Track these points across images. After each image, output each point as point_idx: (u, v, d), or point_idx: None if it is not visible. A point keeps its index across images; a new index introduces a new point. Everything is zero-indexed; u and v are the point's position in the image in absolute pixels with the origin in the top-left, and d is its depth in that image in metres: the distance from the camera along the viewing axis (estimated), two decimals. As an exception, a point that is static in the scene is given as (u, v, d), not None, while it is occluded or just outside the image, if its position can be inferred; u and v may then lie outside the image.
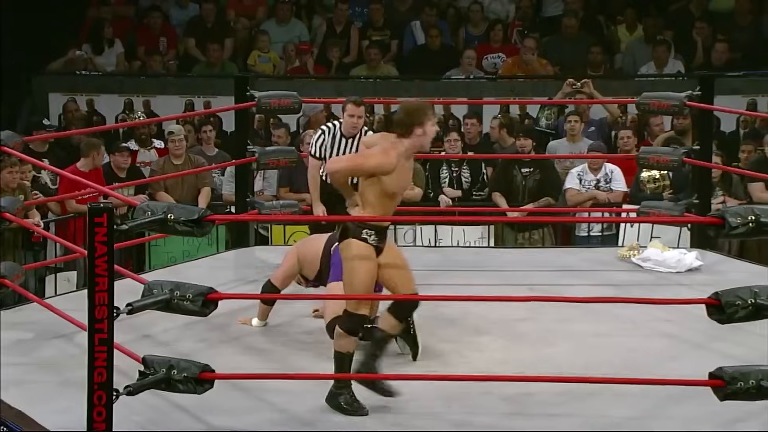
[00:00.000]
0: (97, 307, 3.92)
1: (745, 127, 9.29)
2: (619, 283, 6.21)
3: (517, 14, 11.02)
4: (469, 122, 8.65)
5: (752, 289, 4.02)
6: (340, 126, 6.23)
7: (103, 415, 3.93)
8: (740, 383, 3.95)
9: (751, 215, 3.96)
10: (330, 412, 4.41)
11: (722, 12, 10.84)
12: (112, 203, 4.09)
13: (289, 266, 5.36)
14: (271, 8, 11.21)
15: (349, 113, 6.14)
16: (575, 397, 4.49)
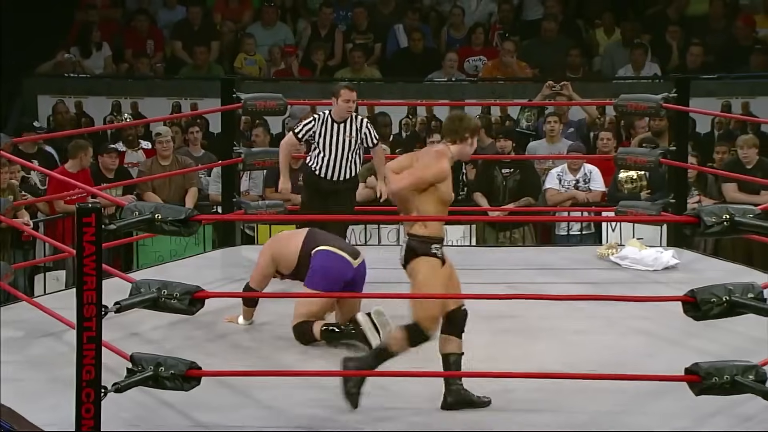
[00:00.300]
0: (86, 305, 3.91)
1: (720, 129, 9.34)
2: (598, 281, 6.23)
3: (498, 18, 11.03)
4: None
5: (727, 286, 4.04)
6: (330, 113, 6.22)
7: (91, 411, 3.92)
8: (715, 379, 3.97)
9: (726, 214, 3.98)
10: (316, 408, 4.41)
11: (697, 16, 10.87)
12: (100, 203, 4.08)
13: (263, 267, 5.33)
14: (257, 12, 11.19)
15: (344, 98, 6.13)
16: (555, 393, 4.50)
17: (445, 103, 9.78)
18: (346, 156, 6.19)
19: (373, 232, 7.70)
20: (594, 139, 8.68)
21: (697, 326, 4.43)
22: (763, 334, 4.98)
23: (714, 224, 3.97)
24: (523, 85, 10.02)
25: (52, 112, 9.92)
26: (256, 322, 5.42)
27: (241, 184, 7.71)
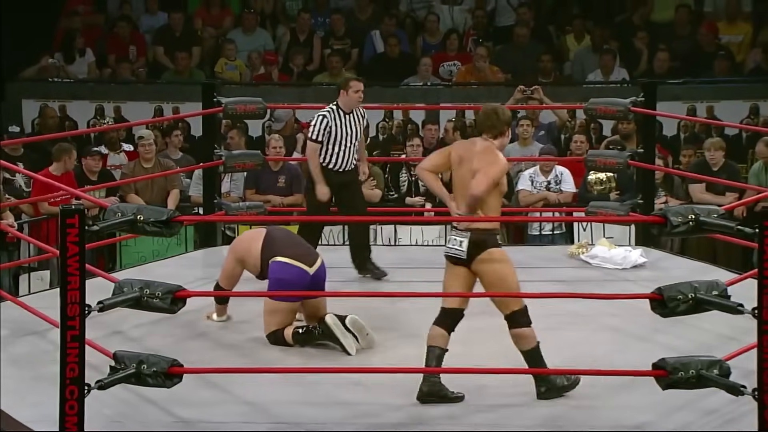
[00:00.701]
0: (70, 304, 3.89)
1: (686, 132, 9.39)
2: (569, 279, 6.25)
3: (472, 24, 11.06)
4: (432, 128, 8.69)
5: (692, 284, 4.06)
6: (338, 107, 6.21)
7: (75, 408, 3.89)
8: (681, 373, 3.99)
9: (692, 214, 4.00)
10: (295, 404, 4.40)
11: (663, 23, 10.94)
12: (83, 205, 4.05)
13: (228, 268, 5.29)
14: (237, 18, 11.16)
15: (355, 89, 6.18)
16: (527, 387, 4.50)
17: (420, 106, 9.78)
18: (353, 145, 6.24)
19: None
20: (565, 142, 8.71)
21: (664, 323, 4.45)
22: (727, 330, 5.02)
23: (680, 224, 3.99)
24: (496, 89, 10.03)
25: (39, 115, 9.86)
26: (236, 320, 5.40)
27: (222, 186, 7.68)
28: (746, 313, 3.96)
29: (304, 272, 5.01)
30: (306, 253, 5.13)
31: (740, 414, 4.17)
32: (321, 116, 6.21)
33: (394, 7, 11.33)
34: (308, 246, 5.24)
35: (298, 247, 5.15)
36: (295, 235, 5.33)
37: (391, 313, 5.36)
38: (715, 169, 7.80)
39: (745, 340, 4.38)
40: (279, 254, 5.06)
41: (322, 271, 5.11)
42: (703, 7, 11.13)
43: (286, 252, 5.06)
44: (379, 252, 6.66)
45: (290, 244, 5.14)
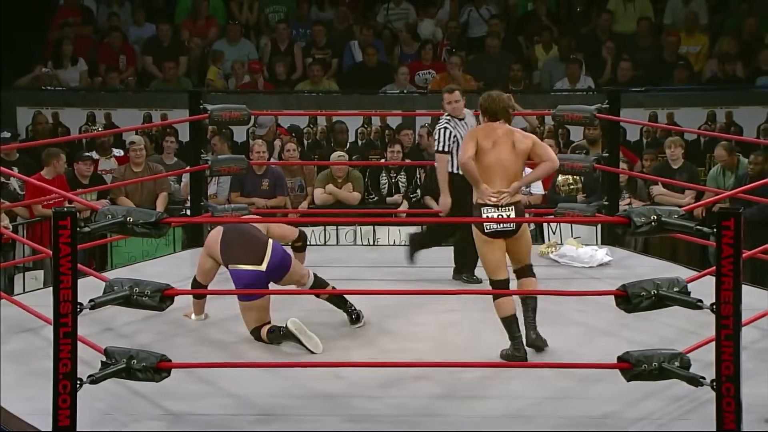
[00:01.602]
0: (62, 303, 3.86)
1: (648, 137, 9.44)
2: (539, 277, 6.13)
3: (445, 35, 11.07)
4: (407, 133, 8.69)
5: (655, 281, 4.08)
6: (451, 116, 6.13)
7: (67, 402, 3.86)
8: (644, 366, 4.00)
9: (654, 215, 4.02)
10: (279, 397, 4.38)
11: (626, 34, 10.98)
12: (75, 208, 4.02)
13: (202, 263, 5.27)
14: (222, 29, 11.12)
15: (447, 101, 6.12)
16: (500, 380, 4.52)
17: (397, 113, 9.78)
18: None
19: (332, 233, 7.68)
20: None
21: (629, 318, 4.47)
22: (687, 325, 5.04)
23: (643, 224, 4.01)
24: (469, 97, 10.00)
25: (32, 122, 9.80)
26: (221, 317, 5.36)
27: (209, 189, 7.65)
28: (705, 309, 3.97)
29: (257, 272, 5.00)
30: (254, 251, 5.02)
31: (700, 403, 4.19)
32: (442, 128, 6.07)
33: (372, 18, 11.33)
34: (255, 241, 5.06)
35: (246, 248, 5.04)
36: (243, 233, 5.12)
37: (371, 309, 5.34)
38: (675, 166, 7.84)
39: (704, 334, 4.40)
40: (231, 261, 5.05)
41: (276, 258, 5.03)
42: (663, 19, 11.19)
43: (237, 258, 5.03)
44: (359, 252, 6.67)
45: (240, 247, 5.05)
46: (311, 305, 5.48)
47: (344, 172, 8.01)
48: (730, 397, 3.83)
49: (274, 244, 5.09)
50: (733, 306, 3.82)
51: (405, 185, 8.06)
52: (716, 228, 3.85)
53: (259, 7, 11.36)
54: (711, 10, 11.22)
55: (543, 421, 4.20)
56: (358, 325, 5.24)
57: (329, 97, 10.34)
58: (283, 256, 5.10)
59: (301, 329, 4.89)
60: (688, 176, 7.75)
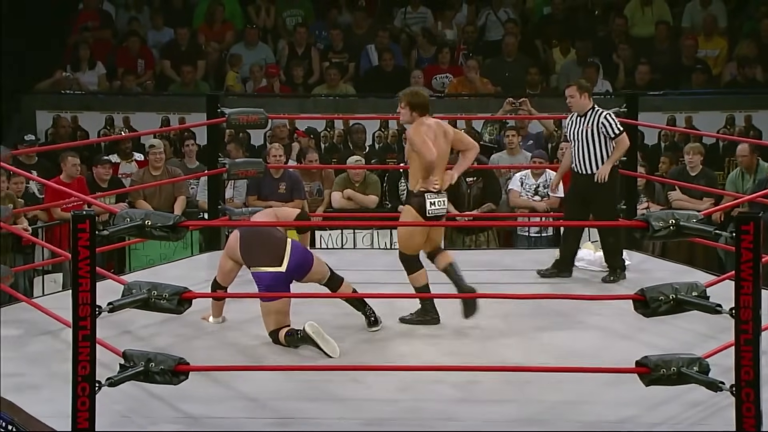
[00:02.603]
0: (81, 305, 3.87)
1: (666, 141, 9.40)
2: (556, 281, 6.24)
3: (463, 38, 11.07)
4: None
5: (673, 285, 4.06)
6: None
7: (86, 404, 3.88)
8: (663, 370, 3.99)
9: (672, 219, 4.00)
10: (296, 400, 4.39)
11: (644, 37, 10.95)
12: (94, 211, 4.04)
13: (222, 265, 5.27)
14: (240, 33, 11.16)
15: (566, 96, 6.23)
16: (517, 384, 4.50)
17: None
18: (580, 148, 6.16)
19: (349, 237, 7.69)
20: (552, 150, 8.71)
21: (647, 322, 4.44)
22: (705, 329, 5.02)
23: (661, 228, 3.99)
24: (486, 100, 10.04)
25: (52, 125, 9.85)
26: (239, 320, 5.38)
27: (226, 192, 7.67)
28: (724, 313, 3.95)
29: (277, 273, 5.01)
30: (273, 252, 5.03)
31: (719, 408, 4.16)
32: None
33: (389, 22, 11.34)
34: (274, 242, 5.06)
35: (265, 249, 5.05)
36: (261, 234, 5.11)
37: (388, 312, 5.34)
38: (693, 173, 7.81)
39: (723, 339, 4.38)
40: (252, 263, 5.06)
41: (294, 260, 5.03)
42: (681, 23, 11.15)
43: (257, 260, 5.04)
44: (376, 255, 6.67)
45: (259, 249, 5.06)
46: (329, 308, 5.49)
47: (361, 176, 8.01)
48: (750, 402, 3.81)
49: (293, 243, 5.10)
50: (752, 311, 3.80)
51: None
52: (735, 232, 3.83)
53: (276, 11, 11.40)
54: (730, 14, 11.17)
55: (559, 425, 4.19)
56: (375, 329, 5.24)
57: (346, 101, 10.34)
58: (303, 255, 5.10)
59: (318, 333, 4.90)
60: (706, 182, 7.71)
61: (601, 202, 6.18)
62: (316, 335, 4.89)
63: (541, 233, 7.81)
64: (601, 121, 6.15)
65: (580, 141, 6.19)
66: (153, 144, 8.04)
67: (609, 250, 6.28)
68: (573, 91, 6.20)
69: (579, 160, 6.21)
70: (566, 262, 6.32)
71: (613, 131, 6.16)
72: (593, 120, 6.17)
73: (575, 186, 6.30)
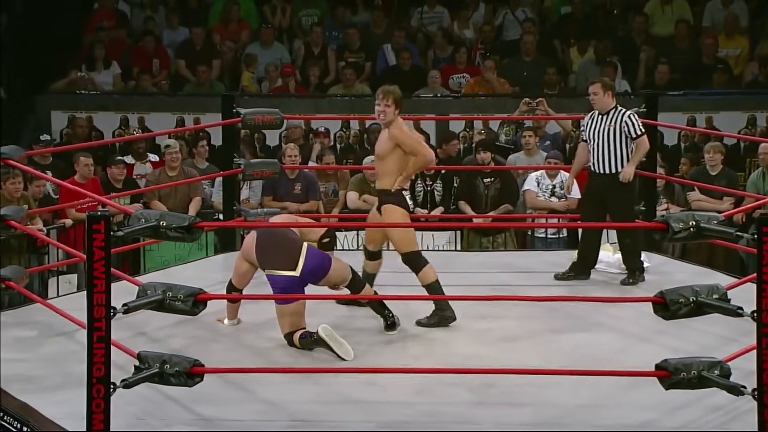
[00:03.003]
0: (96, 307, 3.89)
1: (686, 142, 9.36)
2: (574, 284, 6.23)
3: (480, 38, 11.05)
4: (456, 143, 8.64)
5: (694, 288, 4.04)
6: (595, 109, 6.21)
7: (101, 406, 3.90)
8: (683, 374, 3.97)
9: (692, 221, 3.98)
10: (311, 403, 4.39)
11: (663, 37, 10.91)
12: (109, 211, 4.05)
13: (237, 266, 5.28)
14: (255, 32, 11.18)
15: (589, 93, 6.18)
16: (534, 387, 4.49)
17: (430, 117, 9.77)
18: (600, 147, 6.12)
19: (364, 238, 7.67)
20: (570, 151, 8.69)
21: (667, 325, 4.43)
22: (726, 332, 4.99)
23: (681, 230, 3.98)
24: (504, 100, 10.03)
25: (67, 125, 9.90)
26: (255, 322, 5.39)
27: (241, 193, 7.68)
28: (745, 316, 3.93)
29: (291, 277, 5.01)
30: (288, 255, 5.03)
31: (741, 413, 4.14)
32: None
33: (405, 22, 11.33)
34: (290, 245, 5.07)
35: (280, 252, 5.05)
36: (277, 237, 5.11)
37: (403, 314, 5.34)
38: (713, 173, 7.77)
39: (744, 342, 4.36)
40: (267, 266, 5.07)
41: (309, 264, 5.03)
42: (701, 22, 11.09)
43: (272, 263, 5.04)
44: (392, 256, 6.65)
45: (274, 251, 5.06)
46: (346, 310, 5.49)
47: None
48: (771, 406, 3.79)
49: (309, 247, 5.10)
50: (774, 314, 3.78)
51: (441, 194, 8.03)
52: (757, 234, 3.81)
53: (292, 10, 11.41)
54: (751, 12, 11.11)
55: (578, 429, 4.17)
56: (392, 332, 5.24)
57: (362, 101, 10.32)
58: (320, 259, 5.10)
59: (331, 336, 4.90)
60: (727, 183, 7.67)
61: (618, 203, 6.16)
62: (329, 338, 4.89)
63: (559, 235, 7.79)
64: (624, 121, 6.12)
65: (600, 140, 6.15)
66: (169, 144, 8.06)
67: (626, 251, 6.25)
68: (597, 88, 6.15)
69: (597, 159, 6.18)
70: (584, 265, 6.30)
71: (635, 131, 6.13)
72: (616, 119, 6.14)
73: (592, 186, 6.27)
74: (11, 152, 5.58)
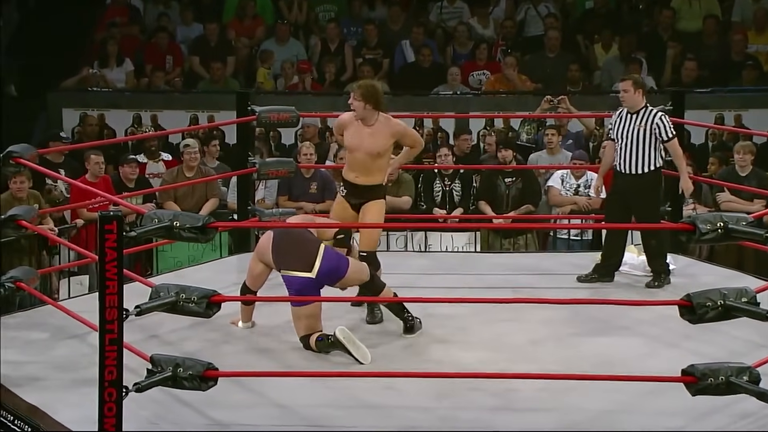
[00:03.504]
0: (108, 309, 3.90)
1: (714, 140, 9.31)
2: (597, 286, 6.21)
3: (501, 34, 11.04)
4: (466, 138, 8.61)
5: (721, 291, 4.02)
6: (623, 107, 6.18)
7: (113, 410, 3.91)
8: (710, 380, 3.95)
9: (720, 222, 3.96)
10: (326, 407, 4.40)
11: (691, 32, 10.86)
12: (121, 211, 4.07)
13: (252, 267, 5.28)
14: (270, 28, 11.21)
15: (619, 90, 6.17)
16: (556, 392, 4.48)
17: (450, 115, 9.77)
18: (627, 146, 6.08)
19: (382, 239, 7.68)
20: (593, 150, 8.67)
21: (693, 329, 4.41)
22: (755, 337, 4.97)
23: (709, 231, 3.96)
24: (525, 98, 10.01)
25: (79, 123, 9.94)
26: (269, 324, 5.40)
27: (256, 193, 7.70)
28: (775, 320, 3.91)
29: (307, 279, 5.01)
30: (304, 257, 5.04)
31: (770, 420, 4.12)
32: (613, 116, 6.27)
33: (424, 17, 11.33)
34: (306, 245, 5.08)
35: (296, 254, 5.06)
36: (293, 237, 5.12)
37: (422, 318, 5.34)
38: (743, 173, 7.73)
39: (774, 347, 4.33)
40: (282, 267, 5.08)
41: (325, 266, 5.03)
42: (731, 16, 11.04)
43: (288, 264, 5.05)
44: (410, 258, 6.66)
45: (289, 252, 5.07)
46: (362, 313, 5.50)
47: (395, 176, 8.00)
48: (802, 413, 3.77)
49: (326, 249, 5.10)
50: (805, 318, 3.76)
51: (459, 194, 8.02)
52: (787, 236, 3.79)
53: (308, 6, 11.43)
54: (783, 7, 11.07)
55: (602, 436, 4.17)
56: (410, 335, 5.24)
57: (380, 99, 10.34)
58: (336, 261, 5.10)
59: (349, 338, 4.91)
60: (757, 183, 7.62)
61: (643, 204, 6.12)
62: (346, 341, 4.89)
63: (582, 236, 7.76)
64: (656, 122, 6.05)
65: (628, 140, 6.09)
66: (188, 143, 8.06)
67: (651, 253, 6.22)
68: (628, 85, 6.07)
69: (624, 159, 6.13)
70: (608, 267, 6.28)
71: (667, 134, 6.06)
72: (646, 119, 6.07)
73: (617, 186, 6.24)
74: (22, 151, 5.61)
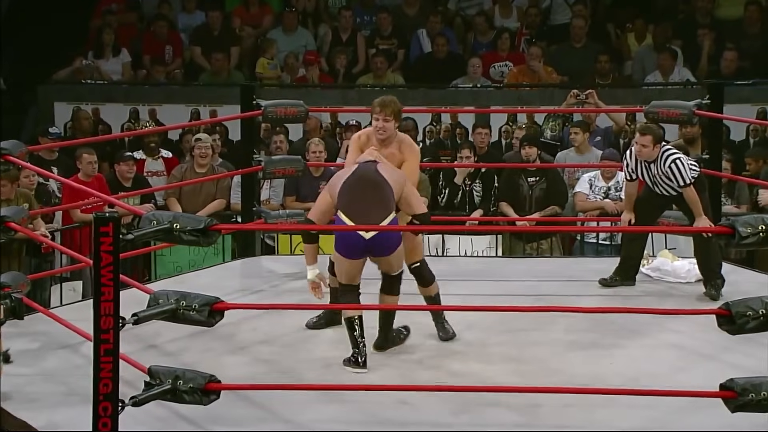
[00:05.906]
0: (103, 317, 3.92)
1: (755, 136, 9.28)
2: (628, 294, 6.20)
3: (525, 22, 11.02)
4: (481, 131, 8.55)
5: (763, 299, 4.01)
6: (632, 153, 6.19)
7: (108, 426, 3.93)
8: (752, 395, 3.95)
9: (762, 225, 3.95)
10: (336, 423, 4.40)
11: (731, 20, 10.83)
12: (118, 213, 4.08)
13: (319, 202, 5.21)
14: (278, 17, 11.22)
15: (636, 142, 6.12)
16: (584, 408, 4.47)
17: (470, 110, 9.76)
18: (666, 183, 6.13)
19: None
20: (624, 147, 8.64)
21: (732, 340, 4.40)
22: (800, 349, 4.94)
23: (750, 235, 3.95)
24: (550, 91, 10.00)
25: (71, 118, 9.98)
26: (276, 333, 5.41)
27: (262, 193, 7.71)
28: (821, 331, 3.90)
29: (358, 237, 4.94)
30: (369, 213, 4.96)
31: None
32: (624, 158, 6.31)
33: (442, 5, 11.33)
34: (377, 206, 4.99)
35: (362, 207, 4.99)
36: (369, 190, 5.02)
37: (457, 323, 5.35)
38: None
39: (819, 360, 4.32)
40: (343, 210, 4.99)
41: (384, 234, 4.98)
42: (775, 3, 11.01)
43: (351, 209, 4.97)
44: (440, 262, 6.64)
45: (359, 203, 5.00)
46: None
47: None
48: None
49: (394, 220, 5.02)
50: None
51: (480, 195, 8.01)
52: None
53: (318, -7, 11.46)
54: (831, -7, 11.02)
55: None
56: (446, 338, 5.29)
57: (394, 92, 10.32)
58: (391, 238, 5.01)
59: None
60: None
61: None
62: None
63: (611, 241, 7.74)
64: (669, 166, 6.05)
65: (651, 182, 6.19)
66: (200, 137, 8.06)
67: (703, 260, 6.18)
68: (648, 141, 6.04)
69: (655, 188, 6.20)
70: (628, 268, 6.28)
71: (684, 180, 6.05)
72: (662, 164, 6.07)
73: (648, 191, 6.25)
74: (11, 147, 5.64)
